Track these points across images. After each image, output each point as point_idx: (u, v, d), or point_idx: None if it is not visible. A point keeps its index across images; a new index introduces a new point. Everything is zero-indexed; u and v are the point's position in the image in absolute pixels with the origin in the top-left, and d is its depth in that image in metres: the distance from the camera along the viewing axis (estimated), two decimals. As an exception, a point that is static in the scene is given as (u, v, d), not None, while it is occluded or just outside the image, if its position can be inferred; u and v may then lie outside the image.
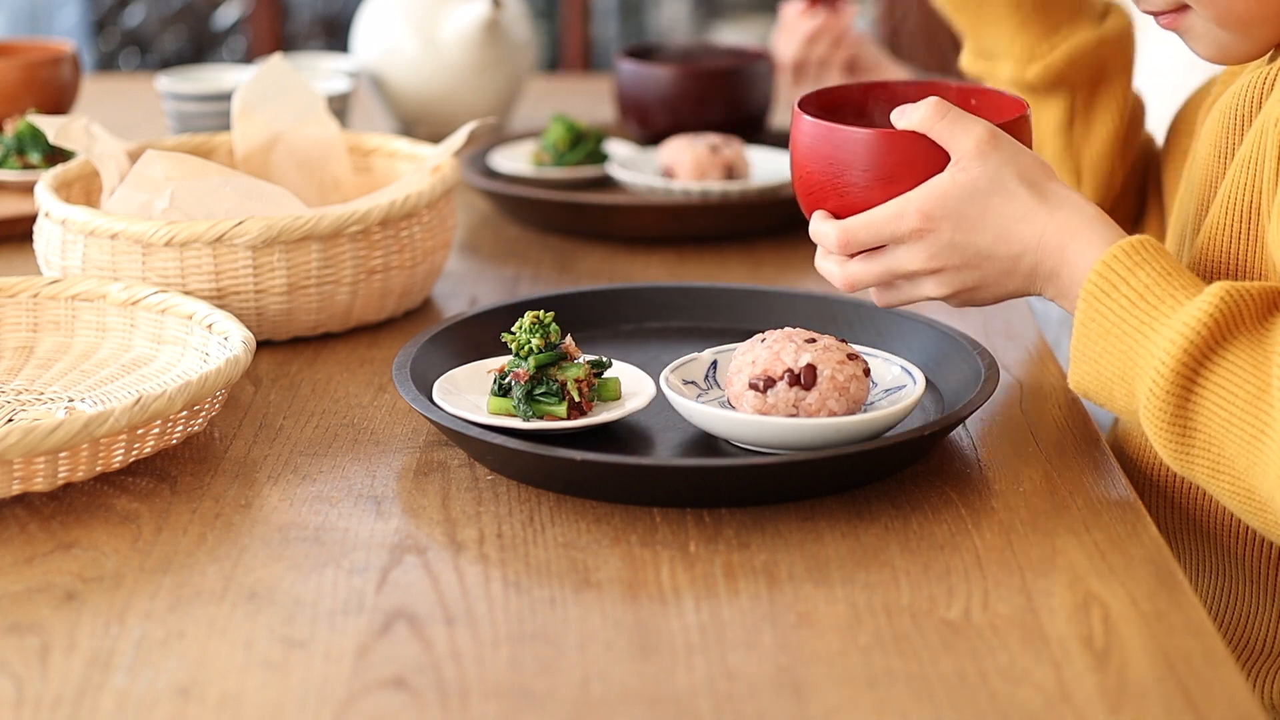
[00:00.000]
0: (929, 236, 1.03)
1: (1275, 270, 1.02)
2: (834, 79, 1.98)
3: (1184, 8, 1.05)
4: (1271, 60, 1.07)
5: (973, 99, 1.14)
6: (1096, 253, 1.00)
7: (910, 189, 1.04)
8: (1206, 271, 1.07)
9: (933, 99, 1.04)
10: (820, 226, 1.07)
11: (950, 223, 1.03)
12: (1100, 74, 1.31)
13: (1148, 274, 0.97)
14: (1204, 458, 0.95)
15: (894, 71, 2.01)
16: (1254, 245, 1.04)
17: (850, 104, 1.16)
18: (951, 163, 1.03)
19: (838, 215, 1.07)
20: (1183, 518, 1.14)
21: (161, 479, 1.06)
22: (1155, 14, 1.07)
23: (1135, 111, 1.38)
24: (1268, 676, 1.09)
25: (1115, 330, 0.98)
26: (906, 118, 1.05)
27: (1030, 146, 1.09)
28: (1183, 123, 1.31)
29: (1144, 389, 0.96)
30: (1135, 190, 1.39)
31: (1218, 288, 0.94)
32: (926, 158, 1.04)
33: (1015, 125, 1.07)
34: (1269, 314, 0.95)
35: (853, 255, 1.07)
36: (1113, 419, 1.25)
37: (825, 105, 1.14)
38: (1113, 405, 1.00)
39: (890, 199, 1.04)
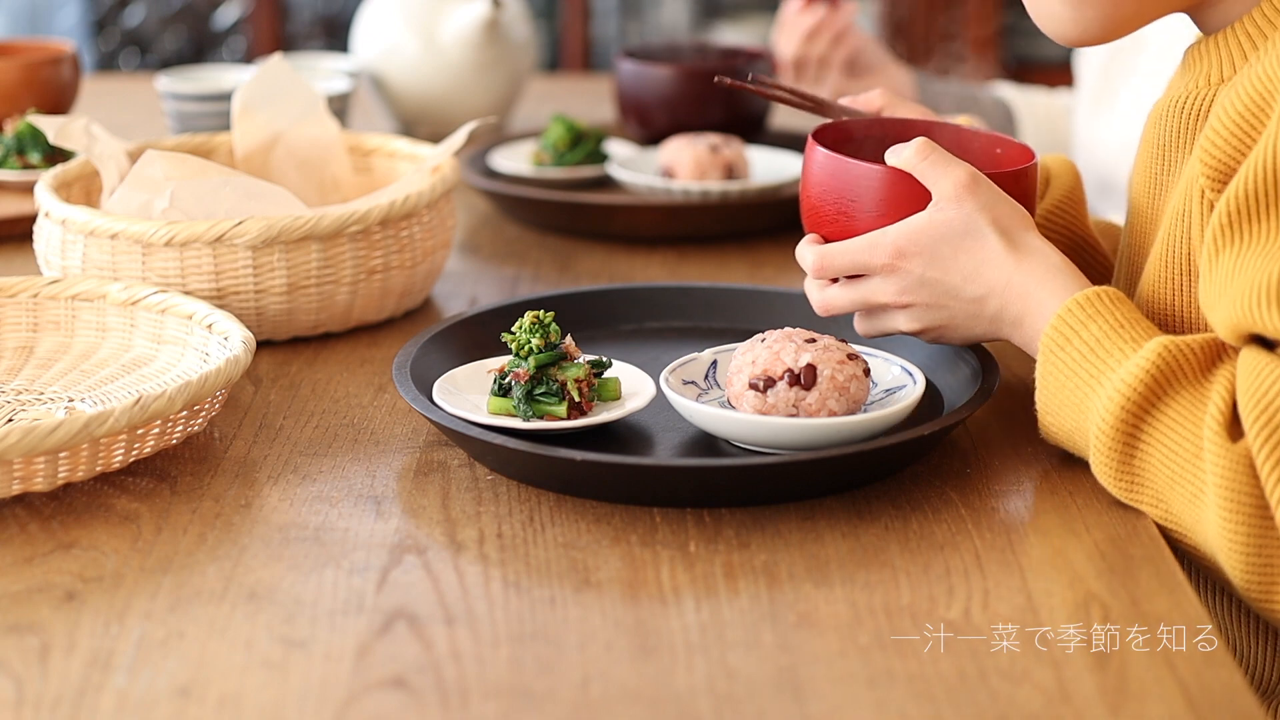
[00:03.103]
0: (900, 271, 1.07)
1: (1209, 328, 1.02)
2: (834, 77, 1.97)
3: None
4: (1183, 74, 1.07)
5: (998, 148, 1.18)
6: (1058, 303, 1.02)
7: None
8: (1160, 319, 1.07)
9: (920, 139, 1.08)
10: (802, 250, 1.12)
11: (922, 260, 1.06)
12: (1063, 235, 1.29)
13: (1099, 327, 1.00)
14: (1154, 510, 0.98)
15: (894, 71, 2.01)
16: (1193, 298, 1.04)
17: (873, 139, 1.20)
18: (931, 203, 1.07)
19: (829, 241, 1.11)
20: None
21: (161, 479, 1.06)
22: None
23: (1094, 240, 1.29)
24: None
25: (1070, 384, 1.00)
26: (895, 156, 1.09)
27: (1032, 196, 1.11)
28: None
29: (1091, 444, 0.99)
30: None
31: (1156, 343, 0.96)
32: (916, 195, 1.07)
33: (1012, 176, 1.09)
34: (1211, 367, 0.96)
35: (834, 281, 1.11)
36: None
37: (843, 137, 1.18)
38: (1081, 454, 1.02)
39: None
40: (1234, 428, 0.93)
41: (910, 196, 1.07)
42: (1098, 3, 1.05)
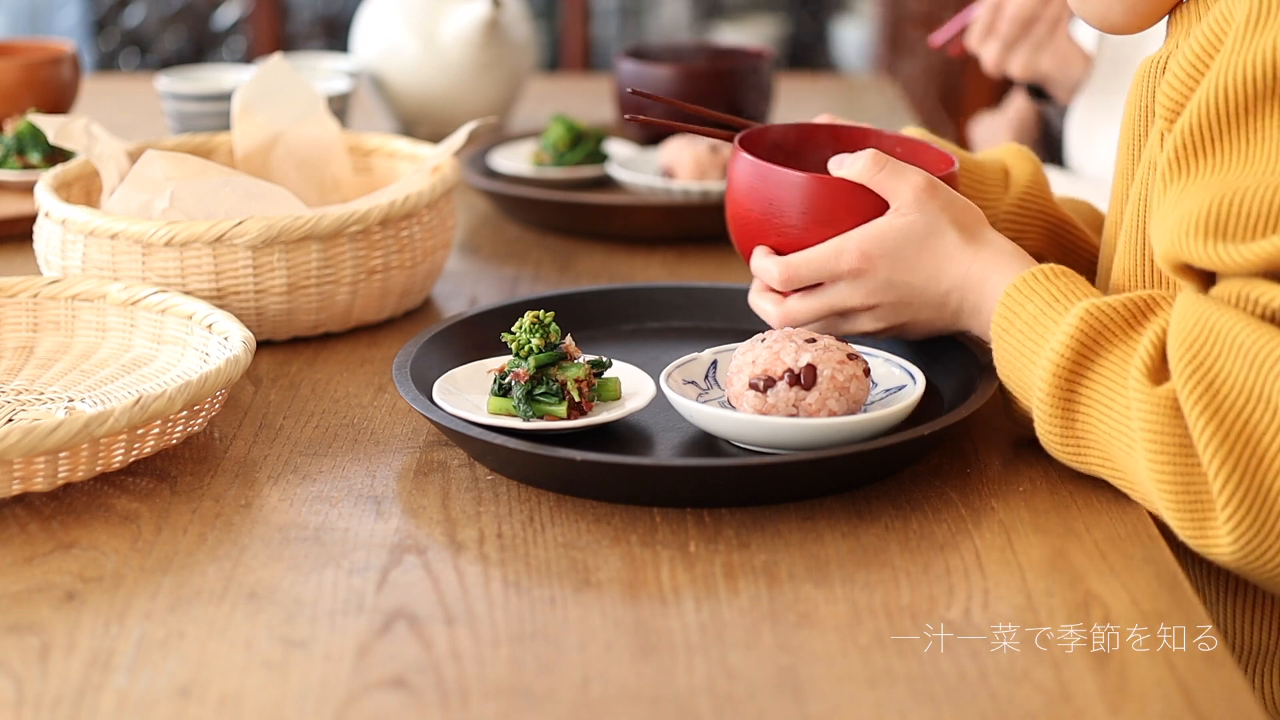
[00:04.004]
0: (866, 275, 1.09)
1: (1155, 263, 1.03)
2: (1063, 43, 1.87)
3: None
4: (1166, 37, 1.08)
5: (898, 148, 1.20)
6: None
7: (844, 231, 1.09)
8: (1130, 275, 1.08)
9: (871, 151, 1.10)
10: (763, 262, 1.12)
11: (888, 262, 1.08)
12: (1037, 220, 1.29)
13: (1035, 305, 1.02)
14: (1103, 469, 1.00)
15: (1077, 49, 1.91)
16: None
17: (785, 144, 1.22)
18: (891, 209, 1.09)
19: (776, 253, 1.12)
20: None
21: (161, 479, 1.06)
22: None
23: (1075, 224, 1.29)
24: (1265, 676, 1.09)
25: (1018, 363, 1.03)
26: (846, 168, 1.10)
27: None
28: None
29: (1035, 417, 1.01)
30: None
31: (1079, 308, 0.99)
32: (863, 203, 1.09)
33: (946, 179, 1.13)
34: (1138, 322, 0.98)
35: (789, 294, 1.12)
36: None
37: (762, 144, 1.20)
38: None
39: (824, 240, 1.10)
40: (1158, 373, 0.94)
41: (858, 203, 1.09)
42: None
